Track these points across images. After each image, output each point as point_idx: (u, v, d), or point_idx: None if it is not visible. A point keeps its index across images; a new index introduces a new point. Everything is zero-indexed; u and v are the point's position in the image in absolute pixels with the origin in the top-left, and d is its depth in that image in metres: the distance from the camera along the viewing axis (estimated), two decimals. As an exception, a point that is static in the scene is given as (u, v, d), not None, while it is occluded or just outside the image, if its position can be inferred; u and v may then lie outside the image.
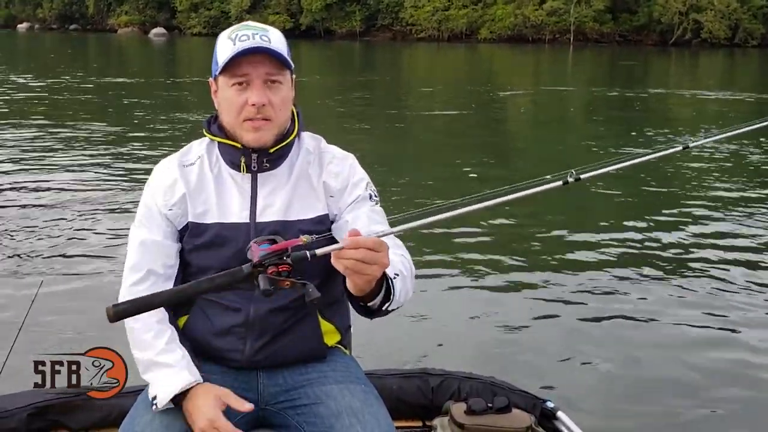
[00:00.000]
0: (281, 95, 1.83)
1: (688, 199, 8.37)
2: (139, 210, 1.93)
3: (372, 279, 1.56)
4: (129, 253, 1.90)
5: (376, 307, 1.68)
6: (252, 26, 1.84)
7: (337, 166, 1.94)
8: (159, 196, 1.90)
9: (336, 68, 34.22)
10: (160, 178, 1.92)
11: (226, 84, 1.82)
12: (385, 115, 16.57)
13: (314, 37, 66.84)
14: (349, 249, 1.48)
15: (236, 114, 1.82)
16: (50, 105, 16.95)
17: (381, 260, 1.50)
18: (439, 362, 2.57)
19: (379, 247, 1.49)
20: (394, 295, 1.66)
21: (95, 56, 41.31)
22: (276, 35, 1.83)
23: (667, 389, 3.87)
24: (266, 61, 1.79)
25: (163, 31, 74.13)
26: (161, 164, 1.96)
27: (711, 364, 4.19)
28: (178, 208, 1.88)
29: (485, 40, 62.18)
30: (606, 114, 17.49)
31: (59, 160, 9.99)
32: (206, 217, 1.87)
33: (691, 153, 10.19)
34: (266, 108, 1.80)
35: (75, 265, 5.66)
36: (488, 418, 2.21)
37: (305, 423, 1.81)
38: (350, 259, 1.48)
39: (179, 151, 1.97)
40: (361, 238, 1.48)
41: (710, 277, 5.62)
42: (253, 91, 1.79)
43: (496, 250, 6.23)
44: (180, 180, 1.89)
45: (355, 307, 1.73)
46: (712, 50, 53.01)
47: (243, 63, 1.78)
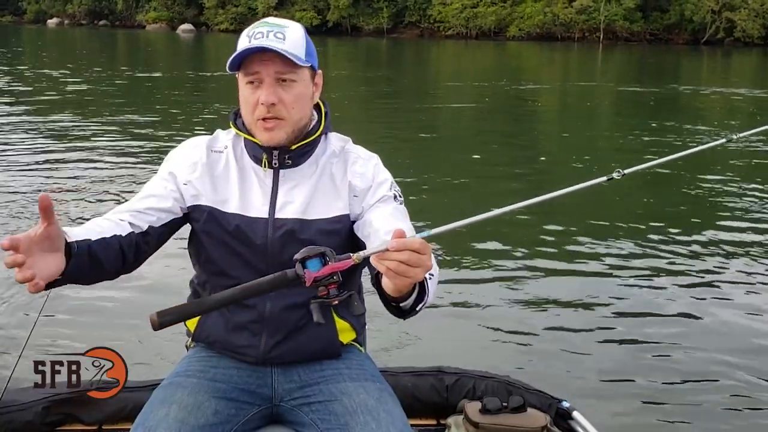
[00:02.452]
0: (294, 93, 1.81)
1: (719, 199, 8.26)
2: (157, 173, 1.94)
3: (413, 282, 1.49)
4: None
5: (408, 307, 1.64)
6: (270, 23, 1.82)
7: (362, 167, 1.92)
8: (180, 166, 1.90)
9: (362, 64, 34.22)
10: (186, 153, 1.93)
11: (242, 81, 1.82)
12: (412, 109, 16.59)
13: (341, 34, 66.90)
14: (394, 251, 1.42)
15: (251, 112, 1.83)
16: (83, 98, 17.23)
17: (425, 263, 1.43)
18: (453, 361, 2.56)
19: (424, 250, 1.43)
20: (428, 296, 1.62)
21: (126, 51, 41.75)
22: (294, 32, 1.81)
23: (685, 391, 3.84)
24: (277, 59, 1.77)
25: (190, 27, 74.61)
26: (190, 141, 1.97)
27: (733, 365, 4.14)
28: (192, 187, 1.88)
29: (514, 37, 61.79)
30: (636, 111, 17.31)
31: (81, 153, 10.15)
32: (227, 206, 1.86)
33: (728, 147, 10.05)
34: (277, 107, 1.79)
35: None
36: (503, 418, 2.20)
37: (320, 420, 1.80)
38: (394, 261, 1.43)
39: (206, 136, 1.97)
40: (407, 240, 1.41)
41: (736, 280, 5.56)
42: (263, 90, 1.79)
43: (514, 250, 6.20)
44: (205, 162, 1.90)
45: (388, 308, 1.68)
46: (745, 49, 52.20)
47: (254, 61, 1.77)
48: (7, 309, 4.59)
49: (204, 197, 1.87)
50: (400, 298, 1.60)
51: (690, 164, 9.62)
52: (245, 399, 1.85)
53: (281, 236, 1.83)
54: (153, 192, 1.87)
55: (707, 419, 3.59)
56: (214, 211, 1.86)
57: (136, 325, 4.11)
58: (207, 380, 1.84)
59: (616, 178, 1.75)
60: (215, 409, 1.77)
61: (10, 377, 1.76)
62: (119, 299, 4.78)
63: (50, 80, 21.03)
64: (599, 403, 3.57)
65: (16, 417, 2.14)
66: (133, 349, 1.93)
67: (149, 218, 1.81)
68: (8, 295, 4.79)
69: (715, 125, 14.22)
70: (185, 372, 1.88)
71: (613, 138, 13.56)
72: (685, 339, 4.46)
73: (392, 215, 1.83)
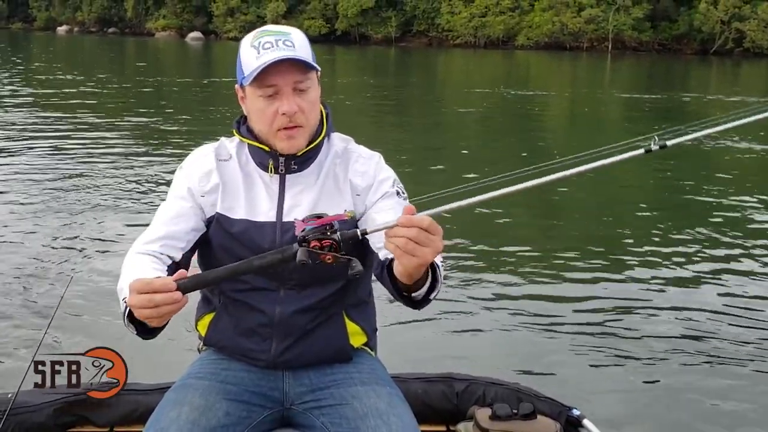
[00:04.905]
0: (310, 99, 1.82)
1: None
2: (171, 190, 1.93)
3: (423, 264, 1.46)
4: (154, 219, 1.88)
5: (420, 297, 1.64)
6: (273, 31, 1.81)
7: (363, 165, 1.93)
8: (195, 180, 1.89)
9: (371, 72, 34.32)
10: (197, 164, 1.92)
11: (254, 94, 1.80)
12: (419, 114, 16.63)
13: (349, 43, 67.12)
14: (402, 227, 1.41)
15: (269, 124, 1.81)
16: (93, 102, 17.43)
17: (435, 244, 1.42)
18: (464, 367, 2.55)
19: (434, 230, 1.42)
20: (439, 284, 1.62)
21: (135, 58, 42.03)
22: (298, 37, 1.81)
23: (697, 401, 3.81)
24: (293, 68, 1.77)
25: (199, 35, 75.03)
26: (198, 151, 1.96)
27: (747, 374, 4.12)
28: (209, 196, 1.88)
29: (522, 46, 61.86)
30: (644, 115, 17.32)
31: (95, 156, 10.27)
32: (234, 212, 1.87)
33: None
34: (297, 115, 1.79)
35: (104, 262, 5.74)
36: (513, 424, 2.18)
37: (330, 424, 1.80)
38: (402, 238, 1.42)
39: (211, 144, 1.97)
40: (415, 217, 1.41)
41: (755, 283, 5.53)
42: (284, 101, 1.78)
43: (524, 256, 6.20)
44: (216, 171, 1.90)
45: (401, 298, 1.67)
46: (754, 60, 52.07)
47: (270, 73, 1.75)
48: (21, 312, 4.62)
49: (216, 205, 1.88)
50: (413, 287, 1.61)
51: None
52: (256, 402, 1.86)
53: (289, 240, 1.82)
54: (177, 213, 1.86)
55: (722, 428, 3.56)
56: (221, 217, 1.87)
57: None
58: (218, 382, 1.85)
59: (654, 149, 1.68)
60: (226, 411, 1.78)
61: (24, 379, 1.76)
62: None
63: (63, 84, 21.26)
64: (610, 411, 3.54)
65: (28, 418, 2.15)
66: (136, 347, 1.95)
67: (180, 244, 1.83)
68: (22, 299, 4.82)
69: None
70: (197, 374, 1.88)
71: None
72: (700, 346, 4.43)
73: (395, 210, 1.81)
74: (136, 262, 1.77)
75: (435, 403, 2.35)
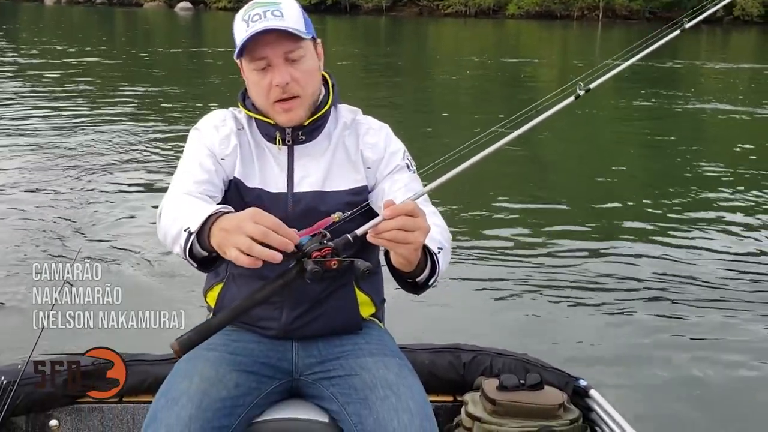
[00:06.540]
0: (304, 68, 1.79)
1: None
2: (190, 149, 1.86)
3: (416, 247, 1.50)
4: (179, 173, 1.81)
5: (422, 282, 1.66)
6: (263, 2, 1.76)
7: (373, 137, 1.92)
8: (216, 142, 1.86)
9: (361, 41, 34.08)
10: (216, 126, 1.89)
11: (249, 68, 1.79)
12: (411, 82, 16.61)
13: (340, 12, 66.40)
14: (387, 220, 1.44)
15: (265, 96, 1.80)
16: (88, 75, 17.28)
17: (421, 225, 1.45)
18: (471, 338, 2.55)
19: (416, 212, 1.45)
20: (439, 269, 1.65)
21: (124, 29, 41.55)
22: (289, 6, 1.77)
23: (705, 370, 3.84)
24: (282, 38, 1.74)
25: (188, 5, 73.80)
26: (217, 114, 1.93)
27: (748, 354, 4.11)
28: (229, 159, 1.85)
29: (513, 15, 61.34)
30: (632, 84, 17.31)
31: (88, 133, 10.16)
32: (249, 181, 1.85)
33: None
34: (291, 85, 1.77)
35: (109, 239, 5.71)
36: (520, 395, 2.19)
37: (339, 394, 1.81)
38: (391, 230, 1.44)
39: (224, 110, 1.93)
40: (397, 206, 1.44)
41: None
42: (275, 72, 1.76)
43: (532, 227, 6.21)
44: (234, 135, 1.87)
45: (402, 284, 1.69)
46: (744, 27, 51.98)
47: (259, 45, 1.74)
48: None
49: (235, 170, 1.86)
50: (413, 273, 1.62)
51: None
52: (266, 372, 1.85)
53: (301, 210, 1.82)
54: (205, 166, 1.81)
55: (728, 399, 3.58)
56: (238, 182, 1.85)
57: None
58: (228, 353, 1.84)
59: (581, 94, 1.78)
60: (236, 382, 1.78)
61: (33, 349, 1.75)
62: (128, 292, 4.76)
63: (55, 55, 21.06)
64: (617, 381, 3.58)
65: (37, 388, 2.13)
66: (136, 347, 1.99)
67: (216, 192, 1.79)
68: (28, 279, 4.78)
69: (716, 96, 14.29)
70: (207, 345, 1.83)
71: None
72: (707, 317, 4.45)
73: (405, 185, 1.83)
74: (191, 200, 1.69)
75: (442, 374, 2.35)
